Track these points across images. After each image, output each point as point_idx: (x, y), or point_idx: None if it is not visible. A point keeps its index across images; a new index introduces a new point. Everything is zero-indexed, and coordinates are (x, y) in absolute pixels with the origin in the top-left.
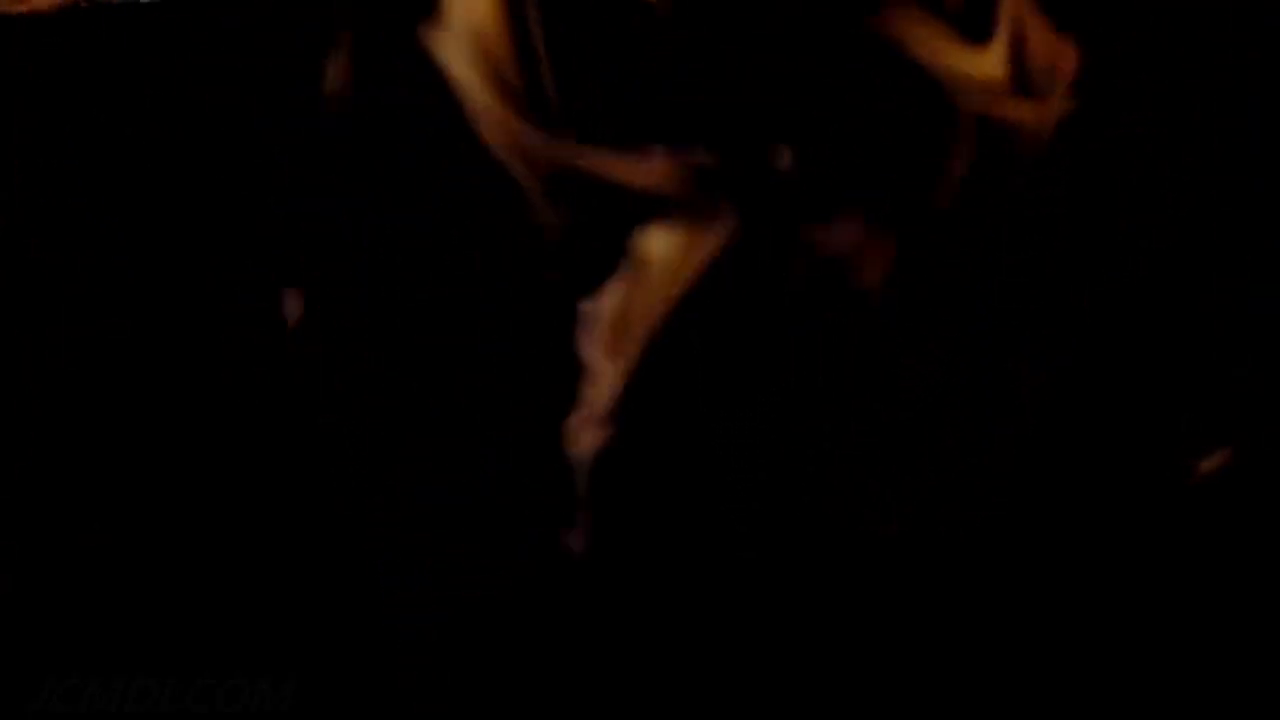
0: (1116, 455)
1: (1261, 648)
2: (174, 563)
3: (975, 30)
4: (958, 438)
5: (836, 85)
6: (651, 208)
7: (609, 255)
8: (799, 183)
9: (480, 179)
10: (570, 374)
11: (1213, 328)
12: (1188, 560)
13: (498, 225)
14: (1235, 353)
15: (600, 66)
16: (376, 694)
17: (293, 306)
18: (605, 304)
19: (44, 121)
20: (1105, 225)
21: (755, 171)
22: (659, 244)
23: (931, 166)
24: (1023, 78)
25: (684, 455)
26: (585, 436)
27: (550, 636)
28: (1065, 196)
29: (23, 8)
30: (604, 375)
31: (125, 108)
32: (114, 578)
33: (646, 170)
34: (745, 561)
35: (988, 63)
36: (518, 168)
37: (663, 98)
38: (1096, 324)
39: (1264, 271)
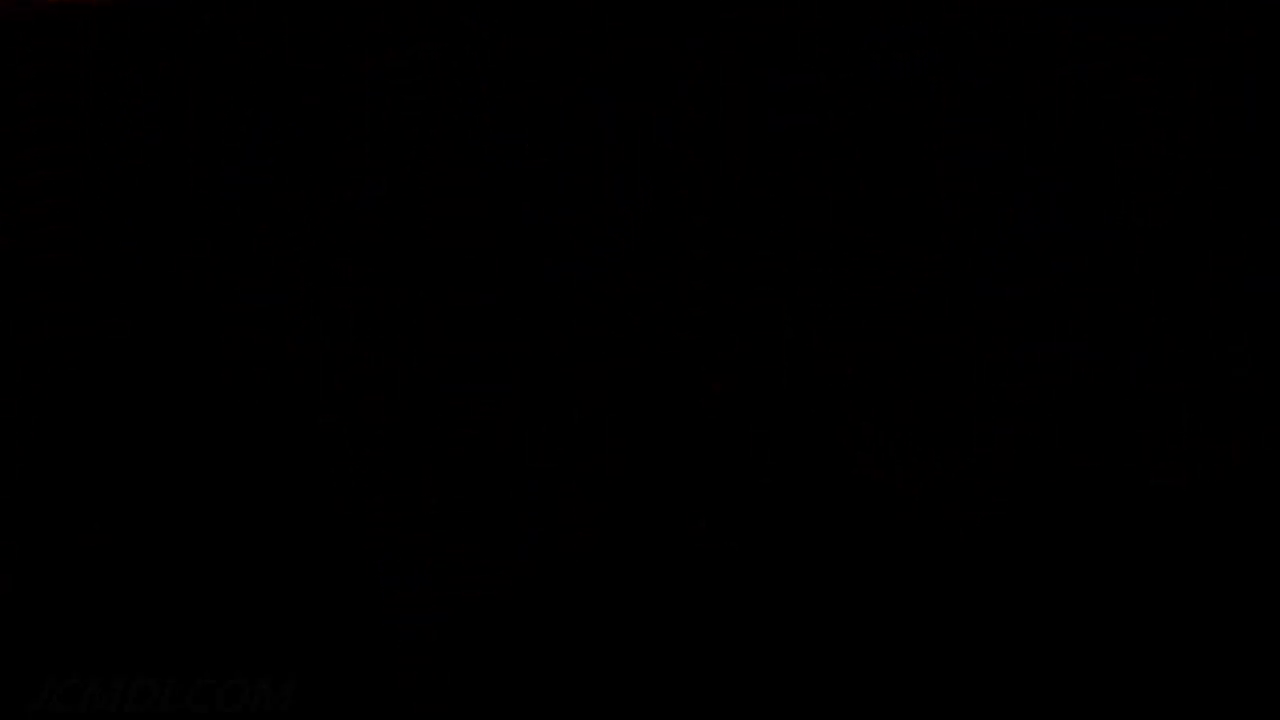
0: (1117, 451)
1: (1261, 648)
2: (174, 563)
3: None
4: (960, 431)
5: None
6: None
7: (606, 256)
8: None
9: (478, 179)
10: (571, 373)
11: (1214, 323)
12: (1187, 559)
13: (498, 225)
14: (1235, 351)
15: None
16: (376, 694)
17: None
18: None
19: (44, 121)
20: (1110, 222)
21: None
22: None
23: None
24: None
25: (687, 453)
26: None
27: (550, 636)
28: (1072, 193)
29: (25, 10)
30: None
31: (124, 107)
32: (114, 578)
33: None
34: (748, 559)
35: None
36: None
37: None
38: (1099, 320)
39: (1264, 270)
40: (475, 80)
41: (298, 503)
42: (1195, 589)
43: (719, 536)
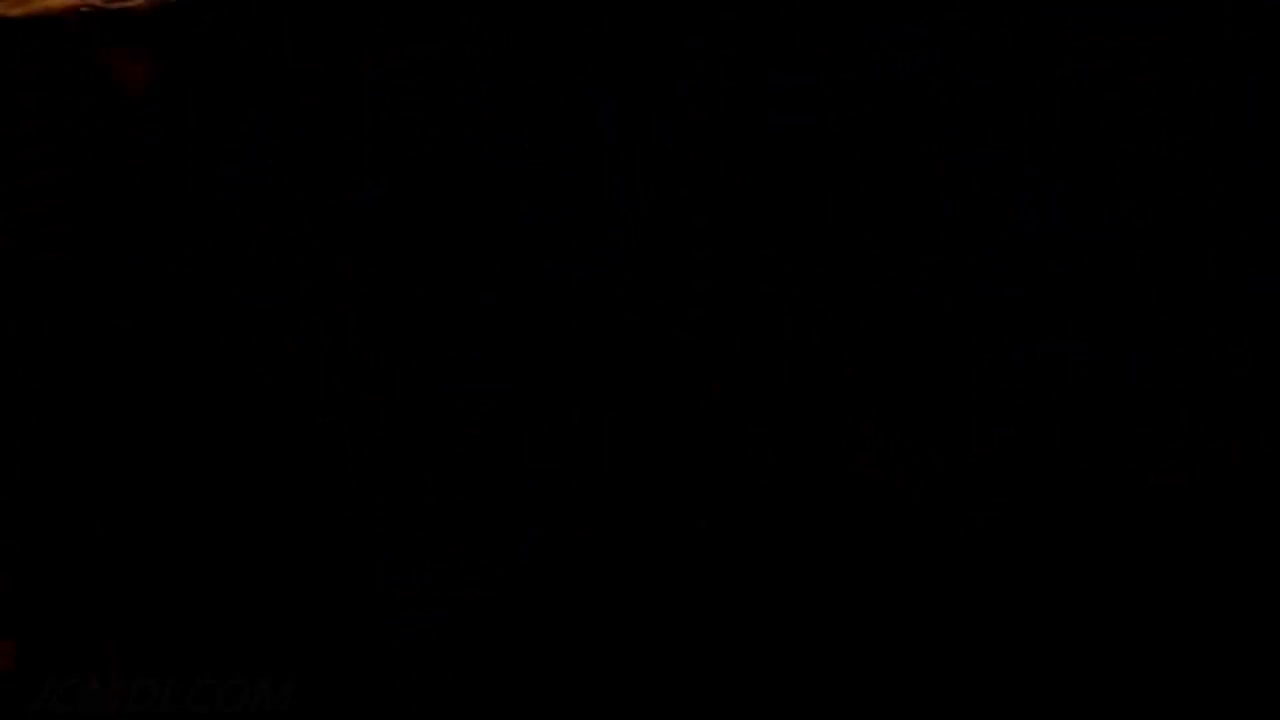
0: (1117, 451)
1: (1262, 648)
2: (174, 563)
3: None
4: (960, 431)
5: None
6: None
7: (606, 256)
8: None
9: (478, 179)
10: (569, 372)
11: (1214, 323)
12: (1187, 559)
13: (498, 225)
14: (1235, 351)
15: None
16: (376, 694)
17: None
18: None
19: (44, 121)
20: (1111, 220)
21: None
22: None
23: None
24: None
25: (687, 453)
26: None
27: (550, 636)
28: (1072, 192)
29: (24, 10)
30: None
31: (125, 107)
32: (114, 578)
33: None
34: (748, 559)
35: None
36: None
37: None
38: (1100, 318)
39: (1264, 270)
40: (475, 80)
41: (298, 503)
42: (1195, 589)
43: (719, 536)
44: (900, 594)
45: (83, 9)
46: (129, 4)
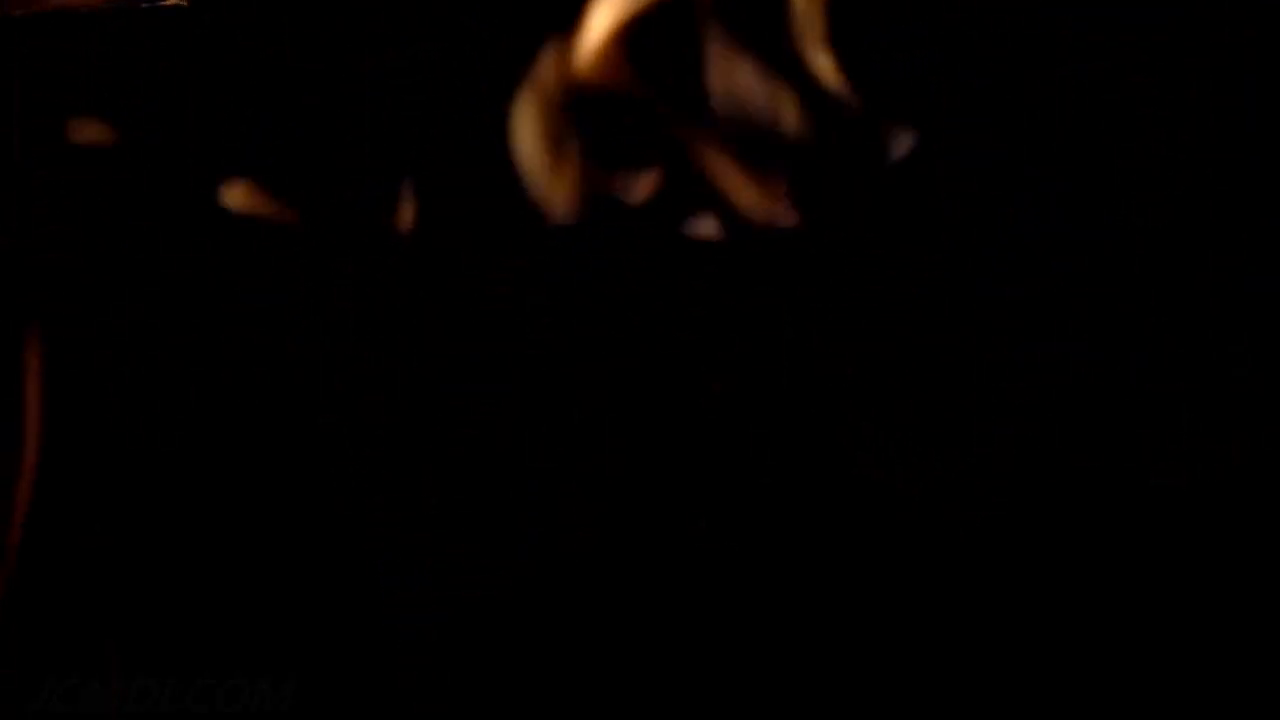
0: (1117, 451)
1: (1261, 648)
2: (174, 563)
3: None
4: (960, 431)
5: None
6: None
7: (607, 256)
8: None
9: (479, 179)
10: (569, 372)
11: (1213, 323)
12: (1187, 559)
13: (496, 226)
14: (1235, 351)
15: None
16: (376, 694)
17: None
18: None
19: (46, 124)
20: (1110, 220)
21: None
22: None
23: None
24: None
25: (687, 453)
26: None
27: (550, 636)
28: (1070, 192)
29: (25, 10)
30: None
31: (125, 107)
32: (114, 578)
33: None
34: (746, 559)
35: None
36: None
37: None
38: (1100, 319)
39: (1264, 270)
40: (475, 80)
41: (298, 503)
42: (1195, 589)
43: (719, 536)
44: (900, 594)
45: (84, 9)
46: (131, 4)
